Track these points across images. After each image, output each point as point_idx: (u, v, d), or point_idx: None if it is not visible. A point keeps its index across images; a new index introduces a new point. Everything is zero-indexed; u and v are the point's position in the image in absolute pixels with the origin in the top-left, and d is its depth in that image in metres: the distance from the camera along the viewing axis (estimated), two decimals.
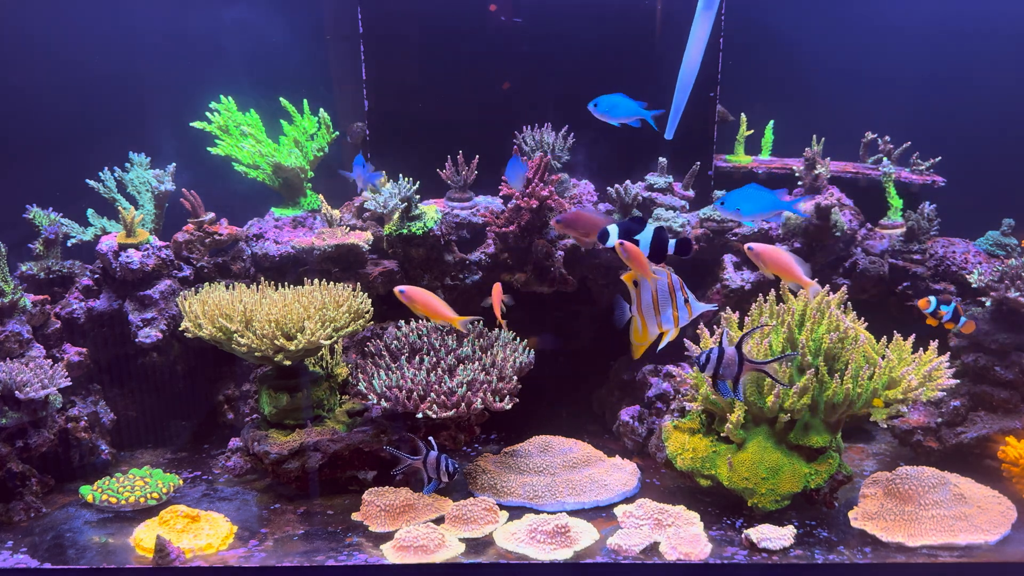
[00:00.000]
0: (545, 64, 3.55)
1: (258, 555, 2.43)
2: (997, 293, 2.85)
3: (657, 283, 2.23)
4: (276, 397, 2.80)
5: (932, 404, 2.95)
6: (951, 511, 2.47)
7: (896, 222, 3.47)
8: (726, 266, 3.36)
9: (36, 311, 2.98)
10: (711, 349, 2.16)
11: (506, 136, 3.45)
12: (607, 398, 3.49)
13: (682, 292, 2.20)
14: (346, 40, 3.58)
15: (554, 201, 3.20)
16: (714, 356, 2.12)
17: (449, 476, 2.51)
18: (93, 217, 3.36)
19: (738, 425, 2.59)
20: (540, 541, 2.42)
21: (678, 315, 2.22)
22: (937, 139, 3.77)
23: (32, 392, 2.65)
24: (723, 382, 2.14)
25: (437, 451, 2.54)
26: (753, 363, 2.16)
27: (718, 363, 2.12)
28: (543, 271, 3.24)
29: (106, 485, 2.72)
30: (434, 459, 2.51)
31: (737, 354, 2.12)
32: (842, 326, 2.56)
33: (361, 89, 3.58)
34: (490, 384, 2.71)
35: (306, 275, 3.05)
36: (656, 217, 3.42)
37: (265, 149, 3.45)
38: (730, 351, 2.13)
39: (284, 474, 2.76)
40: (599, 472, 2.81)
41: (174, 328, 3.08)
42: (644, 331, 2.24)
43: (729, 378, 2.14)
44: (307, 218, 3.47)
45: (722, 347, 2.15)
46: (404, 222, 3.17)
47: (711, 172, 3.70)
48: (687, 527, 2.50)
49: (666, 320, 2.26)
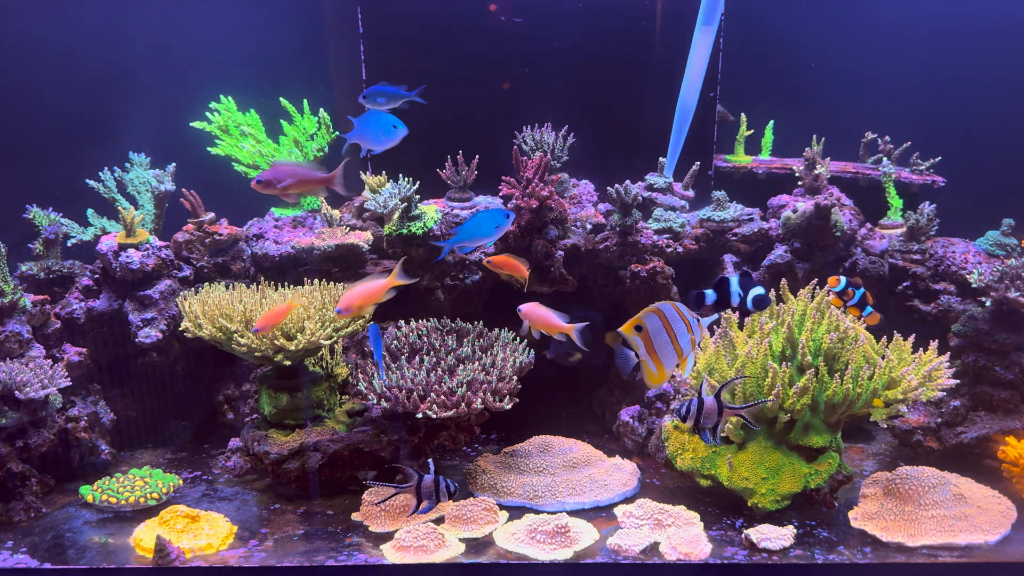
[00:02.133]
0: (545, 64, 3.55)
1: (258, 555, 2.43)
2: (997, 293, 2.85)
3: (654, 323, 2.17)
4: (276, 397, 2.80)
5: (932, 404, 2.95)
6: (951, 511, 2.47)
7: (896, 222, 3.47)
8: (726, 266, 3.36)
9: (36, 311, 2.98)
10: (691, 400, 2.21)
11: (506, 136, 3.45)
12: (607, 398, 3.49)
13: (682, 318, 2.15)
14: (346, 40, 3.58)
15: (554, 201, 3.20)
16: (694, 407, 2.20)
17: (451, 496, 2.41)
18: (93, 217, 3.36)
19: (738, 425, 2.59)
20: (540, 541, 2.42)
21: (693, 337, 2.17)
22: (937, 139, 3.77)
23: (32, 392, 2.65)
24: (705, 432, 2.21)
25: (433, 474, 2.41)
26: (733, 409, 2.22)
27: (698, 413, 2.19)
28: (543, 271, 3.24)
29: (106, 485, 2.72)
30: (430, 482, 2.38)
31: (716, 403, 2.19)
32: (842, 326, 2.56)
33: (361, 89, 3.58)
34: (490, 384, 2.71)
35: (306, 275, 3.06)
36: (656, 217, 3.43)
37: (265, 149, 3.45)
38: (709, 401, 2.19)
39: (284, 474, 2.76)
40: (599, 472, 2.81)
41: (174, 328, 3.08)
42: (660, 371, 2.20)
43: (709, 427, 2.20)
44: (307, 218, 3.47)
45: (701, 397, 2.21)
46: (404, 222, 3.17)
47: (711, 172, 3.71)
48: (687, 527, 2.50)
49: (684, 347, 2.20)
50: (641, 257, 3.23)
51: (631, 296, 3.27)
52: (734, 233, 3.40)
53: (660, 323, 2.11)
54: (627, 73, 3.58)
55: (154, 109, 3.68)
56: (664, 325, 2.11)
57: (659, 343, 2.11)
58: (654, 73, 3.59)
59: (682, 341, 2.13)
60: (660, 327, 2.11)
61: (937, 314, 3.18)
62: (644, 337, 2.12)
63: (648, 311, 2.12)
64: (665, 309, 2.12)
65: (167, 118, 3.55)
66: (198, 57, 3.71)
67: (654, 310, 2.12)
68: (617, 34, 3.54)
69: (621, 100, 3.62)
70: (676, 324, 2.12)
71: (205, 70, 3.69)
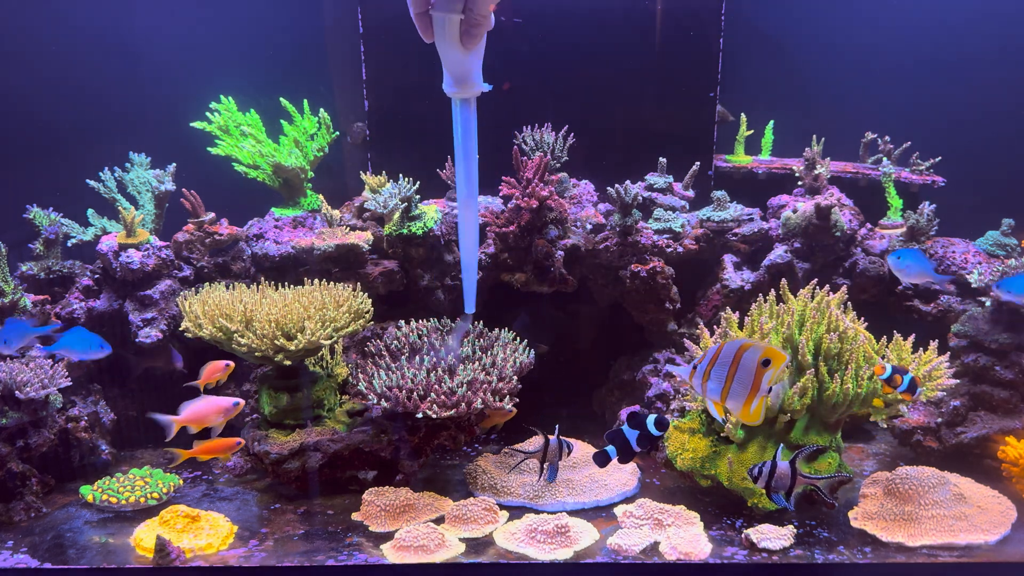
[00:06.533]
0: (545, 64, 3.55)
1: (258, 555, 2.43)
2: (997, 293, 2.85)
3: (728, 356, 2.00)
4: (276, 397, 2.80)
5: (932, 404, 2.95)
6: (951, 511, 2.47)
7: (896, 222, 3.47)
8: (726, 266, 3.36)
9: (36, 311, 2.98)
10: (764, 463, 2.21)
11: (506, 136, 3.45)
12: (607, 398, 3.49)
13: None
14: (346, 40, 3.58)
15: (554, 201, 3.20)
16: (766, 470, 2.20)
17: (569, 452, 2.54)
18: (93, 217, 3.36)
19: (738, 425, 2.59)
20: (540, 541, 2.42)
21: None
22: (937, 139, 3.77)
23: (32, 392, 2.65)
24: (777, 495, 2.21)
25: (556, 438, 2.51)
26: (807, 478, 2.22)
27: (770, 476, 2.19)
28: (543, 271, 3.24)
29: (106, 485, 2.72)
30: (555, 446, 2.49)
31: (791, 469, 2.19)
32: (842, 326, 2.56)
33: (361, 89, 3.58)
34: (490, 384, 2.71)
35: (306, 275, 3.06)
36: (656, 217, 3.43)
37: (265, 149, 3.45)
38: (783, 465, 2.19)
39: (284, 474, 2.76)
40: (599, 472, 2.81)
41: (174, 328, 3.08)
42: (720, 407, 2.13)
43: (782, 490, 2.20)
44: (307, 218, 3.47)
45: (775, 461, 2.20)
46: (404, 222, 3.17)
47: (711, 172, 3.71)
48: (687, 527, 2.50)
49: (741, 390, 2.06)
50: (641, 257, 3.23)
51: (631, 296, 3.27)
52: (734, 233, 3.40)
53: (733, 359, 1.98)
54: (627, 73, 3.58)
55: (154, 109, 3.69)
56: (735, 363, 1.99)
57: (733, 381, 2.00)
58: (654, 73, 3.59)
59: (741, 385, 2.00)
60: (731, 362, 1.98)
61: (937, 314, 3.18)
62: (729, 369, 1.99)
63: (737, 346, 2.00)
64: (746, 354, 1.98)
65: (167, 118, 3.54)
66: (198, 57, 3.71)
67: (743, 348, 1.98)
68: (617, 34, 3.54)
69: (621, 100, 3.62)
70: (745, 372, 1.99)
71: (205, 70, 3.69)
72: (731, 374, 1.98)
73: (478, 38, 1.57)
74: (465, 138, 1.68)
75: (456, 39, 1.54)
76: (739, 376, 1.98)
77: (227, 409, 2.52)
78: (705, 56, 3.55)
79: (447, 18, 1.50)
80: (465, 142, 1.68)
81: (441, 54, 1.58)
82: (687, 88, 3.61)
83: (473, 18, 1.50)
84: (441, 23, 1.50)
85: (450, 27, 1.51)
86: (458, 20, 1.51)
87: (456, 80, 1.62)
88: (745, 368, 1.97)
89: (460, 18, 1.50)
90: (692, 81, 3.60)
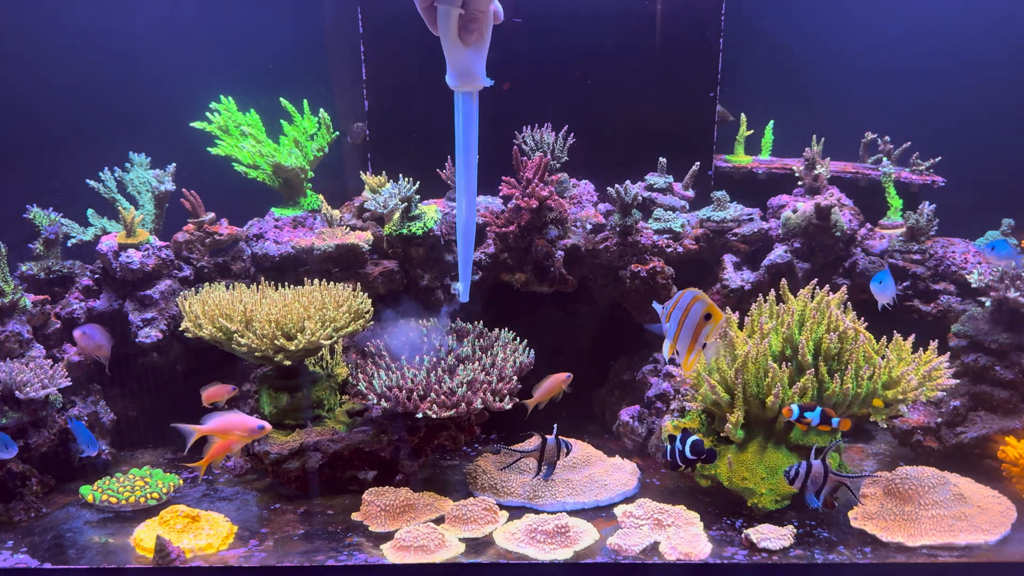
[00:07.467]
0: (545, 64, 3.55)
1: (258, 555, 2.43)
2: (997, 293, 2.85)
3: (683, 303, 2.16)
4: (276, 397, 2.80)
5: (932, 404, 2.95)
6: (951, 511, 2.47)
7: (896, 222, 3.47)
8: (726, 266, 3.36)
9: (36, 311, 2.98)
10: (800, 464, 2.32)
11: (506, 136, 3.45)
12: (607, 398, 3.49)
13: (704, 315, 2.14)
14: (346, 40, 3.58)
15: (554, 201, 3.20)
16: (803, 470, 2.31)
17: (568, 452, 2.60)
18: (93, 217, 3.36)
19: (738, 425, 2.58)
20: (540, 541, 2.42)
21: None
22: (937, 139, 3.77)
23: (32, 392, 2.65)
24: (810, 494, 2.31)
25: (555, 437, 2.56)
26: (839, 476, 2.31)
27: (806, 476, 2.31)
28: (543, 271, 3.24)
29: (106, 485, 2.72)
30: (552, 445, 2.54)
31: (823, 468, 2.30)
32: (842, 326, 2.56)
33: (361, 89, 3.58)
34: (490, 384, 2.71)
35: (306, 275, 3.06)
36: (656, 217, 3.43)
37: (265, 149, 3.45)
38: (816, 465, 2.30)
39: (284, 474, 2.76)
40: (599, 472, 2.81)
41: (174, 328, 3.08)
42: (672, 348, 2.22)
43: (815, 490, 2.31)
44: (307, 218, 3.47)
45: (810, 462, 2.30)
46: (404, 222, 3.17)
47: (711, 172, 3.71)
48: (687, 527, 2.50)
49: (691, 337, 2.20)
50: (641, 257, 3.23)
51: (631, 296, 3.27)
52: (734, 233, 3.40)
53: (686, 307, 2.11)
54: (627, 73, 3.58)
55: (154, 109, 3.69)
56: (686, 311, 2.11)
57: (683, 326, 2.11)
58: (654, 73, 3.59)
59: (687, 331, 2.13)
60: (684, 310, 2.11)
61: (937, 314, 3.18)
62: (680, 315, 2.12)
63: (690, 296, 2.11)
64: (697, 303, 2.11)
65: (167, 118, 3.54)
66: (198, 57, 3.71)
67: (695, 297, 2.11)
68: (617, 34, 3.54)
69: (621, 100, 3.62)
70: (694, 317, 2.11)
71: (205, 70, 3.69)
72: (682, 320, 2.10)
73: (477, 32, 1.58)
74: (466, 129, 1.69)
75: (456, 32, 1.56)
76: (686, 324, 2.10)
77: (253, 429, 2.47)
78: (705, 56, 3.56)
79: (448, 10, 1.52)
80: (466, 134, 1.70)
81: (444, 47, 1.60)
82: (687, 88, 3.61)
83: (471, 12, 1.51)
84: (443, 16, 1.52)
85: (451, 19, 1.53)
86: (458, 13, 1.52)
87: (458, 74, 1.65)
88: (692, 318, 2.09)
89: (460, 11, 1.51)
90: (692, 81, 3.60)
